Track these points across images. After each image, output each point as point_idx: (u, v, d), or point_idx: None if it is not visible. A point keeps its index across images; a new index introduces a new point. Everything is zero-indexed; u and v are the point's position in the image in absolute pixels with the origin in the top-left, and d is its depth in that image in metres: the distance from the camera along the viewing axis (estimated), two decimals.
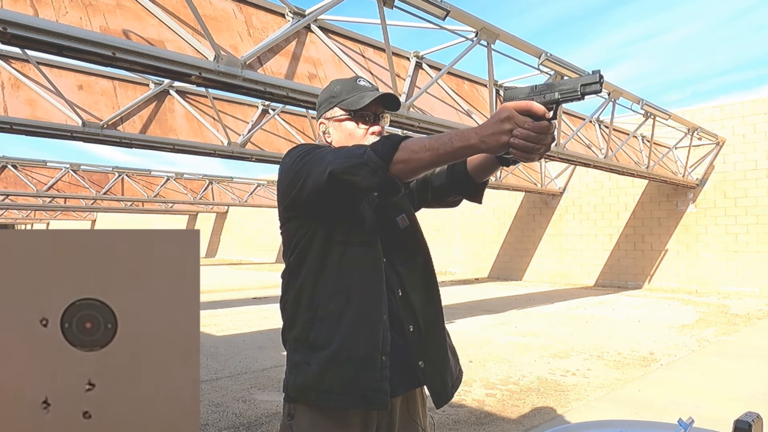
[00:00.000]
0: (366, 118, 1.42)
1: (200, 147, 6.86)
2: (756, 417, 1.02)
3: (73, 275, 0.60)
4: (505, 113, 1.01)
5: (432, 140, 1.09)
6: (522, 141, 1.01)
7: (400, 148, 1.11)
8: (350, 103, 1.40)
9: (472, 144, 1.05)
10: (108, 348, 0.61)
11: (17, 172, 12.52)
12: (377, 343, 1.27)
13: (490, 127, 1.03)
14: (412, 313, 1.37)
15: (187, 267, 0.63)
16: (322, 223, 1.32)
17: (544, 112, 1.02)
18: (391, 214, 1.43)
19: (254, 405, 4.18)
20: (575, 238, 14.34)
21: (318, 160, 1.23)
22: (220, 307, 9.92)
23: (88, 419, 0.61)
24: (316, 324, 1.29)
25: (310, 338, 1.29)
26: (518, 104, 1.02)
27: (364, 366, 1.26)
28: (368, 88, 1.45)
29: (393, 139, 1.14)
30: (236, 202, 19.62)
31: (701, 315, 8.62)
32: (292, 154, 1.34)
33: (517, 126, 1.01)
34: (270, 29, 4.53)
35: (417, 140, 1.11)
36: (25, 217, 32.02)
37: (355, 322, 1.27)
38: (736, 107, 11.69)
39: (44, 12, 3.34)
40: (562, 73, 6.55)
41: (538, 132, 1.01)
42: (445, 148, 1.07)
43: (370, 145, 1.16)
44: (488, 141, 1.03)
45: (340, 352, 1.25)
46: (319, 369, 1.26)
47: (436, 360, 1.39)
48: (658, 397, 4.23)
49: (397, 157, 1.11)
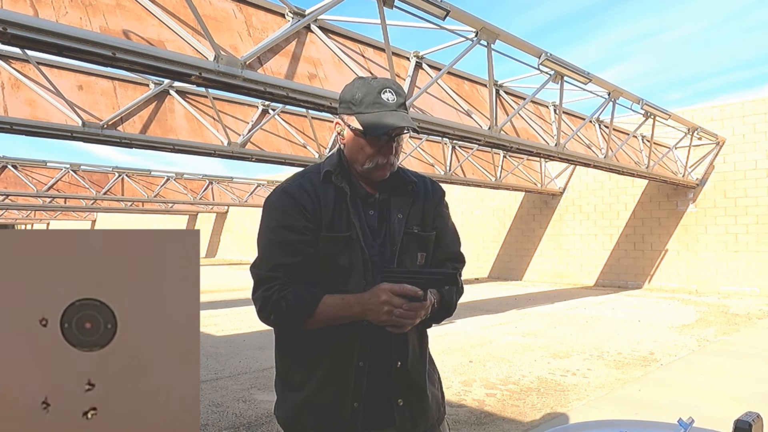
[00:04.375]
0: (380, 140, 1.31)
1: (200, 147, 6.86)
2: (756, 417, 1.02)
3: (73, 275, 0.60)
4: (383, 296, 1.16)
5: (334, 309, 1.23)
6: (399, 319, 1.17)
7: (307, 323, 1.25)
8: (367, 123, 1.29)
9: (355, 313, 1.21)
10: (108, 348, 0.61)
11: (17, 172, 12.52)
12: (349, 392, 1.28)
13: (370, 304, 1.19)
14: (404, 349, 1.33)
15: (187, 267, 0.63)
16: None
17: (416, 293, 1.16)
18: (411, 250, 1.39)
19: (254, 405, 4.18)
20: (575, 238, 14.34)
21: (255, 281, 1.31)
22: (220, 307, 9.92)
23: (87, 419, 0.61)
24: (294, 364, 1.34)
25: (288, 376, 1.35)
26: (393, 287, 1.16)
27: (335, 412, 1.29)
28: (389, 105, 1.30)
29: (305, 309, 1.24)
30: (236, 202, 19.63)
31: (701, 315, 8.62)
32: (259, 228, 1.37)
33: (393, 307, 1.16)
34: (270, 29, 4.53)
35: (324, 310, 1.23)
36: (25, 217, 32.03)
37: (329, 371, 1.29)
38: (736, 107, 11.69)
39: (44, 12, 3.34)
40: (562, 72, 6.56)
41: (414, 310, 1.18)
42: (332, 319, 1.24)
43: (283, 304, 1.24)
44: (369, 315, 1.20)
45: (313, 398, 1.30)
46: (293, 409, 1.32)
47: (413, 400, 1.35)
48: (658, 397, 4.23)
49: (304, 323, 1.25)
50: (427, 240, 1.41)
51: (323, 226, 1.29)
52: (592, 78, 6.94)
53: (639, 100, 8.32)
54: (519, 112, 7.19)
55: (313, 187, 1.32)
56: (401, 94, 1.34)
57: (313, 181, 1.33)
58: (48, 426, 0.59)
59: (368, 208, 1.37)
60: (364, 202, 1.37)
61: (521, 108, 7.12)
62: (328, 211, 1.30)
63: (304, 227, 1.28)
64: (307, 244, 1.28)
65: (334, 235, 1.29)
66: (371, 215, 1.36)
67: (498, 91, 7.14)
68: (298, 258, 1.28)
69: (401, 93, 1.35)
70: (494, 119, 6.50)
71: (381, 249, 1.34)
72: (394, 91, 1.32)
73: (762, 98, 11.38)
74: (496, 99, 6.93)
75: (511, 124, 7.15)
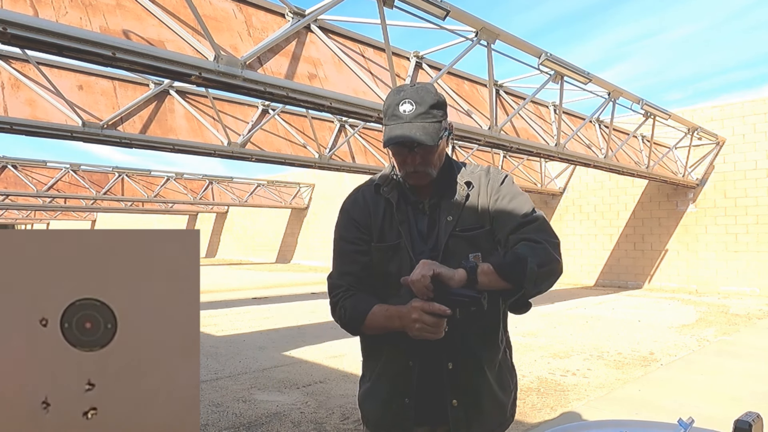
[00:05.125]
0: (401, 151, 1.33)
1: (200, 147, 6.86)
2: (756, 417, 1.02)
3: (73, 275, 0.60)
4: (414, 314, 1.23)
5: (381, 320, 1.34)
6: (427, 334, 1.24)
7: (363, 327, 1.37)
8: (385, 135, 1.32)
9: (396, 326, 1.30)
10: (108, 348, 0.61)
11: (17, 172, 12.52)
12: (399, 388, 1.38)
13: (405, 320, 1.26)
14: (455, 351, 1.35)
15: (187, 267, 0.63)
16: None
17: (445, 312, 1.21)
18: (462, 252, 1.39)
19: (254, 405, 4.18)
20: (575, 238, 14.34)
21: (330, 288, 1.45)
22: (220, 307, 9.92)
23: (87, 419, 0.61)
24: (365, 358, 1.50)
25: (363, 368, 1.51)
26: (423, 305, 1.22)
27: (388, 406, 1.40)
28: (403, 117, 1.30)
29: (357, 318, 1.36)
30: (236, 202, 19.63)
31: (701, 315, 8.62)
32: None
33: (424, 324, 1.23)
34: (270, 29, 4.53)
35: (373, 319, 1.34)
36: (25, 217, 32.03)
37: (384, 368, 1.42)
38: (736, 107, 11.69)
39: (44, 12, 3.34)
40: (562, 72, 6.56)
41: (436, 326, 1.24)
42: (380, 328, 1.35)
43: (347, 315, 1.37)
44: (407, 330, 1.27)
45: (372, 390, 1.44)
46: (361, 396, 1.49)
47: (469, 403, 1.35)
48: (658, 397, 4.23)
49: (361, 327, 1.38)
50: (478, 238, 1.38)
51: (374, 236, 1.40)
52: (592, 78, 6.94)
53: (639, 100, 8.32)
54: (519, 112, 7.18)
55: (365, 200, 1.43)
56: (422, 103, 1.31)
57: (366, 195, 1.44)
58: (48, 426, 0.59)
59: (419, 215, 1.41)
60: (415, 209, 1.41)
61: (521, 108, 7.12)
62: (377, 222, 1.40)
63: (358, 238, 1.40)
64: (361, 254, 1.40)
65: (383, 244, 1.39)
66: (422, 221, 1.40)
67: (498, 91, 7.13)
68: (356, 267, 1.40)
69: (422, 101, 1.32)
70: (494, 119, 6.50)
71: (432, 254, 1.35)
72: (413, 102, 1.31)
73: (762, 98, 11.38)
74: (496, 99, 6.93)
75: (511, 124, 7.15)
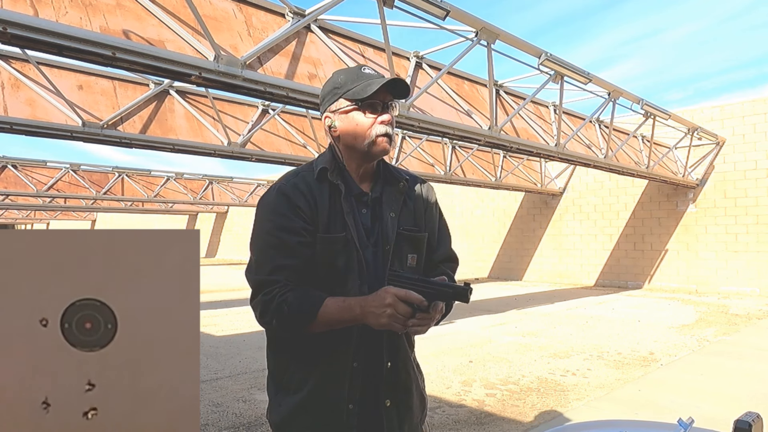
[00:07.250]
0: (374, 107, 1.32)
1: (200, 147, 6.86)
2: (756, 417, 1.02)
3: (73, 275, 0.60)
4: (388, 299, 1.14)
5: (334, 313, 1.21)
6: (397, 324, 1.16)
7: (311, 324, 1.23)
8: (356, 93, 1.31)
9: (355, 315, 1.19)
10: (108, 348, 0.61)
11: (17, 172, 12.52)
12: (345, 393, 1.27)
13: (372, 306, 1.17)
14: (394, 349, 1.33)
15: (187, 267, 0.63)
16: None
17: (421, 302, 1.14)
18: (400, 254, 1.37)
19: (254, 405, 4.18)
20: (575, 238, 14.34)
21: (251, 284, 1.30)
22: (220, 307, 9.92)
23: (87, 419, 0.61)
24: (291, 367, 1.32)
25: (284, 379, 1.32)
26: (399, 292, 1.14)
27: (332, 415, 1.27)
28: (374, 75, 1.35)
29: (306, 313, 1.21)
30: (236, 202, 19.63)
31: (701, 315, 8.62)
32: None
33: (395, 312, 1.14)
34: (270, 29, 4.53)
35: (325, 313, 1.21)
36: (25, 217, 32.02)
37: (326, 372, 1.28)
38: (736, 107, 11.69)
39: (44, 12, 3.34)
40: (562, 72, 6.56)
41: (425, 321, 1.18)
42: (334, 322, 1.22)
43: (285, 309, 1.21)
44: (368, 318, 1.17)
45: (310, 400, 1.28)
46: (288, 413, 1.30)
47: (400, 401, 1.34)
48: (658, 397, 4.23)
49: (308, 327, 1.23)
50: (420, 241, 1.40)
51: (320, 227, 1.28)
52: (592, 78, 6.94)
53: (639, 100, 8.32)
54: (519, 112, 7.18)
55: (308, 186, 1.30)
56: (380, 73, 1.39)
57: (308, 181, 1.31)
58: (48, 426, 0.59)
59: (361, 207, 1.35)
60: (358, 200, 1.35)
61: (521, 108, 7.12)
62: (324, 212, 1.29)
63: (302, 228, 1.26)
64: (305, 245, 1.26)
65: (330, 236, 1.28)
66: (365, 214, 1.35)
67: (498, 91, 7.13)
68: (297, 260, 1.25)
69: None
70: (494, 119, 6.50)
71: (374, 249, 1.32)
72: (372, 69, 1.38)
73: (762, 98, 11.38)
74: (496, 99, 6.93)
75: (511, 124, 7.15)
